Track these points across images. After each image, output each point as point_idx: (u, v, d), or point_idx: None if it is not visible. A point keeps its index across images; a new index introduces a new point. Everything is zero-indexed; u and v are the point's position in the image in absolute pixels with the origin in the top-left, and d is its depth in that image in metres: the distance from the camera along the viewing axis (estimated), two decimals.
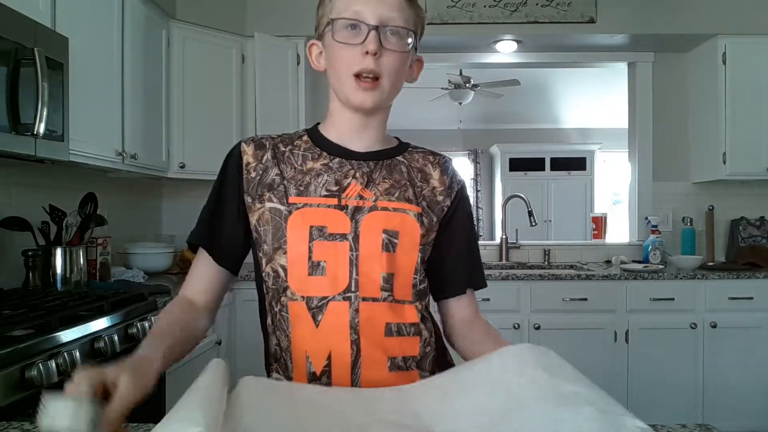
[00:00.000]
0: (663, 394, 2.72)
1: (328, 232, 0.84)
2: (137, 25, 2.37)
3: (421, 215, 0.89)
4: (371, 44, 0.82)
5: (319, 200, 0.86)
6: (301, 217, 0.85)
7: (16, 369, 1.19)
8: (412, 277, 0.88)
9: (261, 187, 0.88)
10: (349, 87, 0.85)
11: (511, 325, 2.72)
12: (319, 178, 0.88)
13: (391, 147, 0.95)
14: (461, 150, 7.67)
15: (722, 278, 2.75)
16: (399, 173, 0.92)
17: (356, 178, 0.88)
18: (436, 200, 0.93)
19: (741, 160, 3.03)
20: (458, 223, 0.95)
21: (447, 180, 0.95)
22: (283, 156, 0.91)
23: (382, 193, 0.88)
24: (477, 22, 3.06)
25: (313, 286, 0.83)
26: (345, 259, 0.84)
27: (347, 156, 0.90)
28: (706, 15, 3.06)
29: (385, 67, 0.85)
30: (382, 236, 0.85)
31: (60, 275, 1.98)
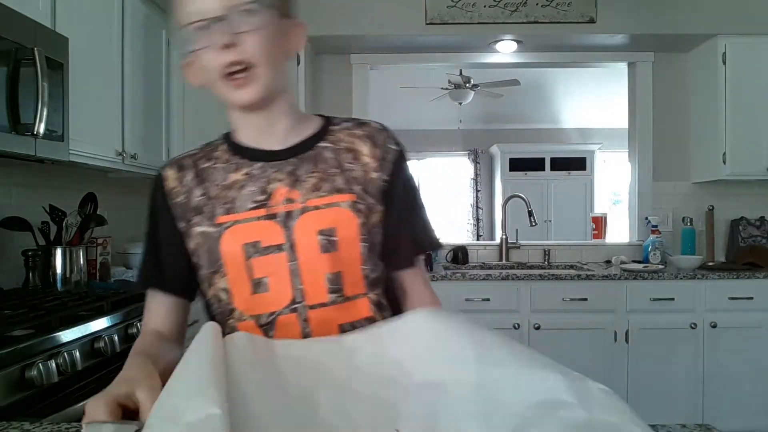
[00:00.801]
0: (663, 394, 2.72)
1: (263, 246, 0.80)
2: (137, 25, 2.37)
3: (355, 203, 0.83)
4: (219, 37, 0.75)
5: (247, 214, 0.81)
6: (233, 237, 0.81)
7: (16, 369, 1.19)
8: (360, 269, 0.84)
9: (189, 212, 0.84)
10: (226, 90, 0.80)
11: (511, 325, 2.72)
12: (243, 190, 0.83)
13: (312, 134, 0.88)
14: (461, 150, 7.67)
15: (722, 278, 2.75)
16: (325, 162, 0.85)
17: (281, 181, 0.83)
18: (371, 178, 0.85)
19: (741, 160, 3.03)
20: (398, 193, 0.88)
21: (379, 152, 0.87)
22: (205, 173, 0.86)
23: (310, 191, 0.82)
24: (477, 22, 3.06)
25: (259, 303, 0.80)
26: (285, 271, 0.80)
27: (268, 158, 0.85)
28: (706, 15, 3.06)
29: (250, 51, 0.76)
30: (318, 238, 0.80)
31: (60, 275, 1.98)
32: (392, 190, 0.87)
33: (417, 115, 6.98)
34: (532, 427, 0.57)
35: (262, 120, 0.85)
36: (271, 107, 0.84)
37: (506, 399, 0.60)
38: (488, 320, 2.72)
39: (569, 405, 0.58)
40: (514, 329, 2.72)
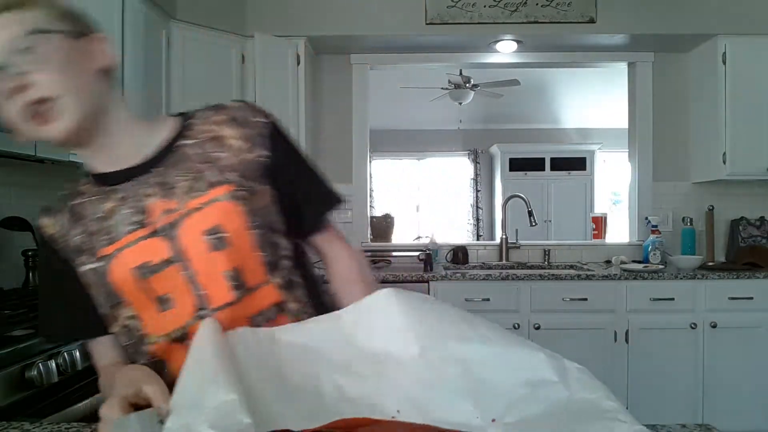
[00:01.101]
0: (663, 394, 2.72)
1: (153, 264, 0.78)
2: (137, 25, 2.36)
3: (235, 192, 0.80)
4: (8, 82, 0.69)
5: (128, 238, 0.79)
6: (120, 264, 0.78)
7: (16, 369, 1.19)
8: (258, 256, 0.81)
9: (74, 253, 0.82)
10: (32, 133, 0.73)
11: (511, 325, 2.72)
12: (117, 216, 0.79)
13: (169, 136, 0.83)
14: (461, 150, 7.67)
15: (722, 278, 2.75)
16: (191, 160, 0.81)
17: (153, 195, 0.79)
18: (246, 160, 0.82)
19: (741, 160, 3.03)
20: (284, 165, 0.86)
21: (247, 131, 0.83)
22: (78, 211, 0.82)
23: (185, 194, 0.79)
24: (477, 22, 3.06)
25: (169, 321, 0.79)
26: (182, 282, 0.78)
27: (131, 176, 0.81)
28: (706, 15, 3.06)
29: (46, 86, 0.71)
30: (205, 239, 0.78)
31: None
32: (277, 164, 0.84)
33: (417, 115, 6.98)
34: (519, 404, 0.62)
35: (102, 145, 0.80)
36: (101, 130, 0.79)
37: (494, 377, 0.64)
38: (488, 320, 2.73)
39: (552, 383, 0.63)
40: (514, 329, 2.72)
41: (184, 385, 0.60)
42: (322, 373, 0.68)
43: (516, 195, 3.40)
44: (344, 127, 3.43)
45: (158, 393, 0.66)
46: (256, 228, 0.81)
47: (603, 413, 0.60)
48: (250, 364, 0.67)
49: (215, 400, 0.56)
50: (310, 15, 3.07)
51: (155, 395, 0.65)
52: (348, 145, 3.43)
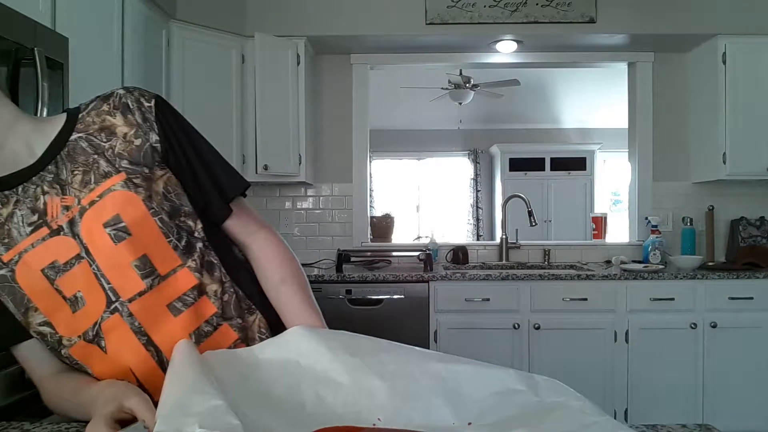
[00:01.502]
0: (663, 394, 2.72)
1: (62, 263, 0.76)
2: (137, 25, 2.37)
3: (128, 180, 0.78)
4: None
5: (30, 240, 0.76)
6: (27, 268, 0.76)
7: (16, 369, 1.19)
8: (165, 242, 0.79)
9: None
10: None
11: (511, 325, 2.72)
12: (14, 219, 0.76)
13: (58, 132, 0.80)
14: (461, 150, 7.67)
15: (722, 278, 2.75)
16: (82, 153, 0.79)
17: (47, 193, 0.77)
18: (137, 146, 0.80)
19: (741, 160, 3.03)
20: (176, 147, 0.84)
21: (137, 117, 0.81)
22: None
23: (79, 189, 0.77)
24: (477, 22, 3.06)
25: (82, 320, 0.77)
26: (91, 278, 0.77)
27: (23, 177, 0.77)
28: (706, 15, 3.06)
29: None
30: (106, 231, 0.76)
31: None
32: (170, 149, 0.82)
33: (417, 115, 6.98)
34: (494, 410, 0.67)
35: None
36: None
37: (468, 390, 0.69)
38: (488, 320, 2.73)
39: (522, 392, 0.69)
40: (514, 329, 2.72)
41: (168, 397, 0.61)
42: (303, 384, 0.69)
43: (516, 195, 3.40)
44: (344, 127, 3.43)
45: (141, 405, 0.66)
46: (159, 214, 0.79)
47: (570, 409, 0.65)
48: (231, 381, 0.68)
49: (202, 406, 0.57)
50: (310, 15, 3.07)
51: (138, 408, 0.66)
52: (348, 145, 3.43)
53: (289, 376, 0.70)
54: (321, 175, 3.43)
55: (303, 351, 0.73)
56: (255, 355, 0.74)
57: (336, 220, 3.44)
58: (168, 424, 0.55)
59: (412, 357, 0.73)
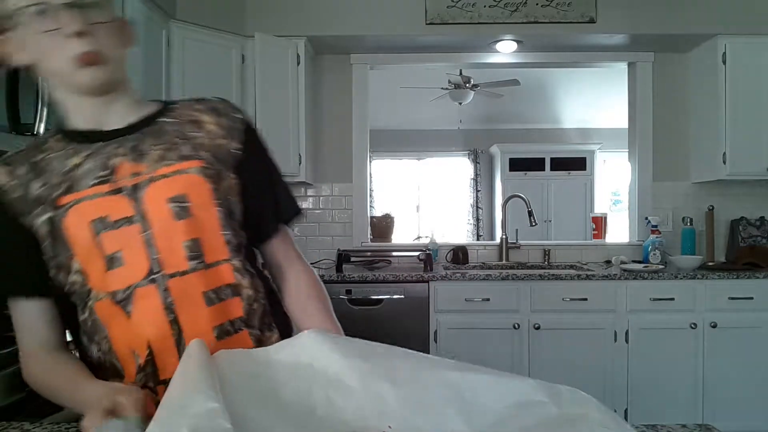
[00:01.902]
0: (663, 394, 2.72)
1: (111, 220, 0.78)
2: (137, 25, 2.37)
3: (204, 168, 0.83)
4: (74, 25, 0.75)
5: (90, 191, 0.79)
6: (78, 215, 0.78)
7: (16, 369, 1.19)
8: (220, 234, 0.83)
9: (29, 204, 0.80)
10: (71, 72, 0.78)
11: (511, 325, 2.72)
12: (83, 169, 0.80)
13: (152, 112, 0.87)
14: (461, 150, 7.67)
15: (722, 278, 2.75)
16: (168, 134, 0.84)
17: (124, 156, 0.81)
18: (219, 144, 0.86)
19: (741, 160, 3.03)
20: (253, 163, 0.89)
21: (224, 120, 0.88)
22: (41, 165, 0.82)
23: (155, 161, 0.81)
24: (477, 22, 3.06)
25: (114, 279, 0.79)
26: (139, 242, 0.79)
27: (106, 137, 0.83)
28: (706, 15, 3.06)
29: (101, 42, 0.78)
30: (169, 206, 0.80)
31: None
32: (246, 160, 0.88)
33: (417, 115, 6.98)
34: (509, 420, 0.63)
35: (100, 103, 0.83)
36: (110, 92, 0.84)
37: (485, 400, 0.66)
38: (488, 320, 2.73)
39: (542, 403, 0.65)
40: (514, 329, 2.72)
41: (170, 395, 0.61)
42: (314, 387, 0.69)
43: (516, 195, 3.40)
44: (344, 127, 3.43)
45: (130, 402, 0.68)
46: (221, 207, 0.83)
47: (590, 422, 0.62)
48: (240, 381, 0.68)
49: (198, 408, 0.57)
50: (310, 15, 3.07)
51: (128, 405, 0.67)
52: (348, 145, 3.43)
53: (300, 378, 0.70)
54: (321, 175, 3.43)
55: (316, 354, 0.72)
56: (269, 356, 0.73)
57: (336, 220, 3.44)
58: (160, 426, 0.56)
59: (427, 364, 0.71)
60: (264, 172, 0.92)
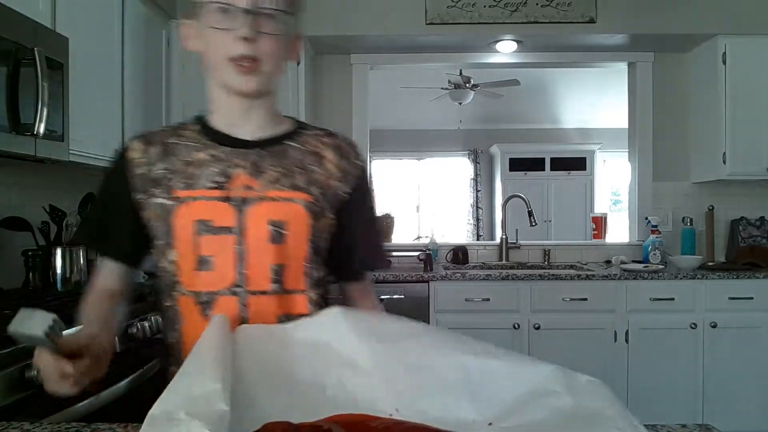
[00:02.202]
0: (663, 394, 2.72)
1: (214, 225, 0.83)
2: (137, 25, 2.36)
3: (311, 203, 0.86)
4: (244, 29, 0.80)
5: (204, 192, 0.84)
6: (187, 212, 0.83)
7: (16, 369, 1.19)
8: (303, 266, 0.87)
9: (148, 183, 0.86)
10: (228, 72, 0.83)
11: (511, 325, 2.72)
12: (205, 169, 0.85)
13: (283, 132, 0.91)
14: (461, 150, 7.67)
15: (722, 278, 2.75)
16: (289, 159, 0.88)
17: (243, 168, 0.86)
18: (330, 185, 0.89)
19: (741, 160, 3.03)
20: (356, 209, 0.92)
21: (344, 164, 0.91)
22: (171, 148, 0.88)
23: (269, 183, 0.85)
24: (477, 22, 3.06)
25: (201, 281, 0.83)
26: (231, 253, 0.83)
27: (235, 144, 0.88)
28: (706, 15, 3.05)
29: (263, 50, 0.82)
30: (268, 227, 0.84)
31: (60, 275, 1.98)
32: (351, 204, 0.91)
33: (417, 115, 6.98)
34: (519, 410, 0.62)
35: (243, 105, 0.88)
36: (256, 101, 0.88)
37: (496, 388, 0.64)
38: (488, 320, 2.73)
39: (557, 393, 0.63)
40: (514, 329, 2.72)
41: (180, 375, 0.62)
42: (328, 368, 0.70)
43: (516, 195, 3.40)
44: (344, 127, 3.43)
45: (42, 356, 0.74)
46: (313, 242, 0.87)
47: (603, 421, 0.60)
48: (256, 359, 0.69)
49: (200, 389, 0.58)
50: (310, 15, 3.06)
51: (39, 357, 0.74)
52: None
53: (317, 357, 0.71)
54: None
55: (335, 334, 0.73)
56: (289, 333, 0.75)
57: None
58: (162, 407, 0.57)
59: (444, 346, 0.70)
60: (363, 219, 0.95)
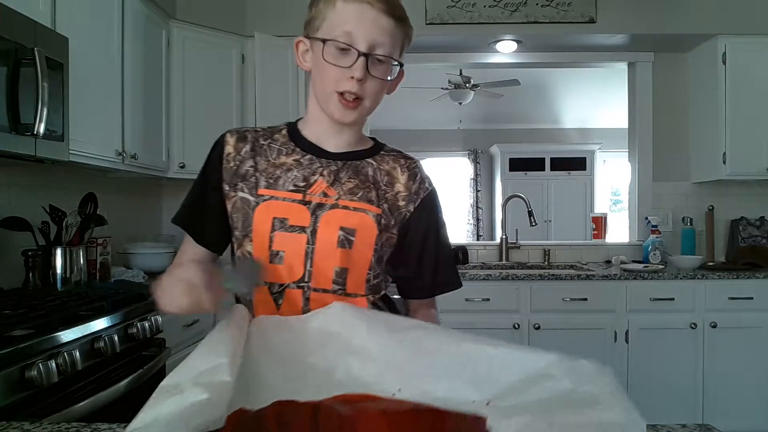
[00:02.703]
0: (663, 394, 2.72)
1: (289, 224, 0.90)
2: (137, 25, 2.37)
3: (380, 216, 0.94)
4: (358, 72, 0.86)
5: (285, 194, 0.92)
6: (267, 209, 0.91)
7: (16, 369, 1.19)
8: (365, 273, 0.94)
9: (236, 177, 0.94)
10: (333, 102, 0.90)
11: (511, 325, 2.72)
12: (288, 173, 0.93)
13: (364, 149, 0.99)
14: (461, 150, 7.67)
15: (722, 278, 2.75)
16: (365, 175, 0.96)
17: (323, 176, 0.93)
18: (398, 204, 0.97)
19: (741, 160, 3.03)
20: (422, 229, 0.99)
21: (413, 186, 0.99)
22: (261, 149, 0.96)
23: (345, 192, 0.93)
24: (477, 22, 3.06)
25: (273, 273, 0.90)
26: (301, 251, 0.90)
27: (318, 154, 0.95)
28: (706, 15, 3.06)
29: (368, 90, 0.89)
30: (338, 233, 0.91)
31: (60, 275, 1.98)
32: (410, 221, 0.98)
33: (417, 115, 6.98)
34: (517, 391, 0.64)
35: (335, 127, 0.95)
36: (348, 125, 0.96)
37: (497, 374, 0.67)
38: (488, 320, 2.73)
39: (555, 377, 0.64)
40: (514, 329, 2.72)
41: (193, 353, 0.66)
42: (338, 354, 0.74)
43: (516, 195, 3.39)
44: None
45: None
46: (376, 252, 0.94)
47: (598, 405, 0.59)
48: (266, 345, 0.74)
49: (207, 364, 0.62)
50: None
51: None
52: None
53: (327, 345, 0.75)
54: None
55: (345, 324, 0.77)
56: (302, 324, 0.79)
57: None
58: (172, 379, 0.61)
59: (449, 337, 0.74)
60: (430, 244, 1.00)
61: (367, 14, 0.86)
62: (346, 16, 0.86)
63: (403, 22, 0.90)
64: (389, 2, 0.87)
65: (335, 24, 0.87)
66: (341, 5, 0.87)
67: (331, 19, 0.88)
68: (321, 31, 0.89)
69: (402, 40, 0.92)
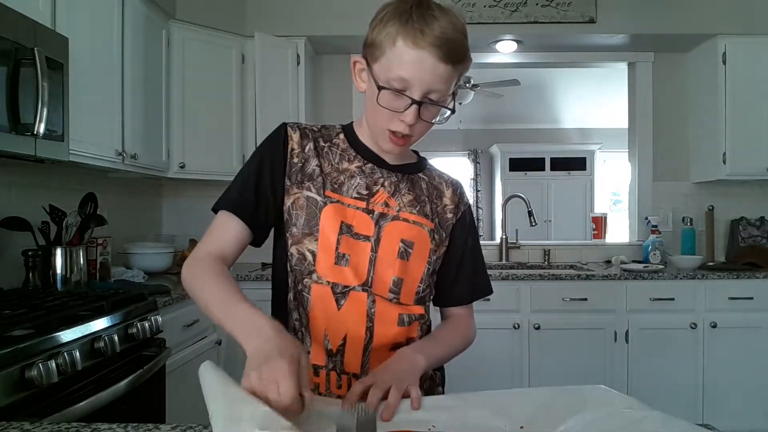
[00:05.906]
0: (663, 394, 2.72)
1: (355, 231, 0.94)
2: (137, 25, 2.37)
3: (433, 231, 0.99)
4: (409, 117, 0.87)
5: (350, 201, 0.95)
6: (334, 211, 0.93)
7: (16, 369, 1.19)
8: (417, 285, 0.98)
9: (301, 175, 0.96)
10: (383, 137, 0.93)
11: (511, 325, 2.72)
12: (352, 179, 0.96)
13: (413, 162, 1.04)
14: (461, 150, 7.66)
15: (722, 278, 2.75)
16: (419, 188, 1.01)
17: (384, 186, 0.97)
18: (446, 217, 1.03)
19: (741, 160, 3.03)
20: (462, 239, 1.04)
21: (456, 199, 1.05)
22: (322, 151, 0.98)
23: (405, 205, 0.97)
24: (477, 22, 3.06)
25: (338, 274, 0.93)
26: (366, 258, 0.94)
27: (379, 164, 0.99)
28: (706, 15, 3.06)
29: (417, 130, 0.91)
30: (399, 244, 0.95)
31: (60, 275, 1.98)
32: (454, 232, 1.04)
33: None
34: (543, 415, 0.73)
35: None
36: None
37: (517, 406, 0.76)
38: (488, 320, 2.72)
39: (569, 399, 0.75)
40: (514, 329, 2.72)
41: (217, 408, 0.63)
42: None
43: (516, 195, 3.39)
44: None
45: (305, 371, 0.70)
46: (429, 265, 0.99)
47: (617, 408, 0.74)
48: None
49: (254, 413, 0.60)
50: (310, 15, 3.07)
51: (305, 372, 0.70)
52: None
53: None
54: None
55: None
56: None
57: None
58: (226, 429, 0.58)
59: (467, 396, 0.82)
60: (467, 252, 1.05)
61: (426, 63, 0.83)
62: (405, 60, 0.84)
63: (462, 63, 0.88)
64: (450, 48, 0.84)
65: (392, 65, 0.85)
66: (401, 46, 0.84)
67: (389, 58, 0.85)
68: (378, 64, 0.87)
69: (459, 76, 0.91)
